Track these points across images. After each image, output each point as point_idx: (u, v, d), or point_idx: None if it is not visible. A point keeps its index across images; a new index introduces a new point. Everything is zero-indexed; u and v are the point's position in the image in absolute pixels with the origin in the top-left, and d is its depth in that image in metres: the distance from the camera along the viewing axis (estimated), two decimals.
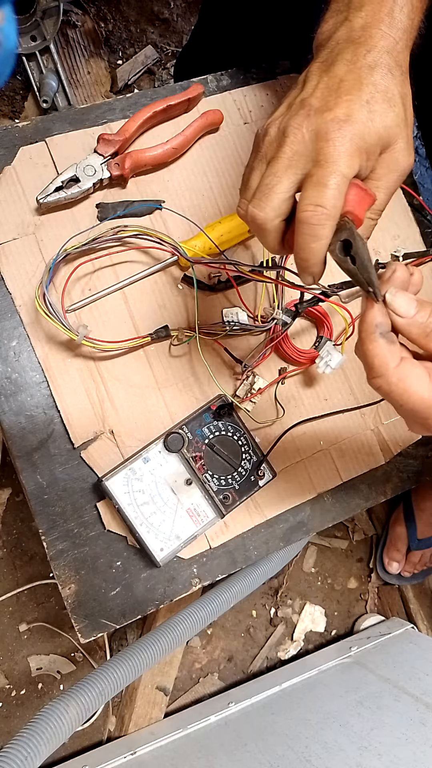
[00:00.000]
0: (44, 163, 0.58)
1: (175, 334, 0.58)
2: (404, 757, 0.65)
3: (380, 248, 0.67)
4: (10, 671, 0.93)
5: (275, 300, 0.61)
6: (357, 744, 0.69)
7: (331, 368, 0.55)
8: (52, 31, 0.99)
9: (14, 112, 1.09)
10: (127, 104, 0.62)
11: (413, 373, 0.35)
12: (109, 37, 1.15)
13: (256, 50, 0.73)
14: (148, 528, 0.55)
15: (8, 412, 0.55)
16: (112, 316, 0.59)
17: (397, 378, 0.35)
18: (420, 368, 0.35)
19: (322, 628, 1.06)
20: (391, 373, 0.35)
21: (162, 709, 0.92)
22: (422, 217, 0.70)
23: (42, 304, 0.53)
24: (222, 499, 0.56)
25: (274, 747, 0.72)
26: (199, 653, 1.00)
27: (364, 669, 0.87)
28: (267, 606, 1.05)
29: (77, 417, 0.57)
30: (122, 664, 0.59)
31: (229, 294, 0.62)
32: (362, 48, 0.39)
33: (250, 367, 0.59)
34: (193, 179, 0.62)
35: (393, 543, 1.05)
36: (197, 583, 0.59)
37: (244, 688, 0.94)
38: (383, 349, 0.35)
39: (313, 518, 0.63)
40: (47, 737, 0.51)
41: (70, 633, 0.95)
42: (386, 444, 0.65)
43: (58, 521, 0.56)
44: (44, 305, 0.53)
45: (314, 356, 0.62)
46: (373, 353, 0.35)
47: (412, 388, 0.35)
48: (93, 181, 0.57)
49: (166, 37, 1.18)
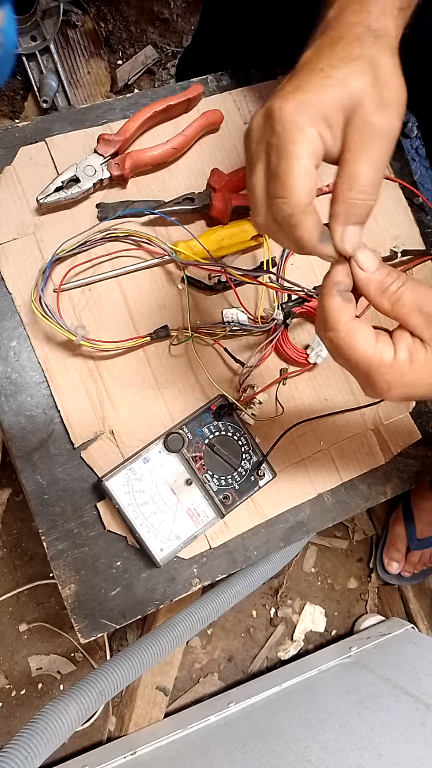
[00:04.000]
0: (44, 163, 0.58)
1: (174, 334, 0.58)
2: (404, 757, 0.65)
3: (379, 248, 0.67)
4: (10, 671, 0.93)
5: (275, 300, 0.61)
6: (357, 744, 0.69)
7: (322, 358, 0.61)
8: (52, 31, 0.99)
9: (14, 112, 1.09)
10: (127, 104, 0.62)
11: (361, 331, 0.37)
12: (109, 37, 1.15)
13: (257, 50, 0.73)
14: (148, 528, 0.55)
15: (8, 412, 0.55)
16: (111, 316, 0.59)
17: (345, 332, 0.37)
18: (369, 329, 0.37)
19: (322, 628, 1.06)
20: (341, 327, 0.37)
21: (162, 709, 0.92)
22: (422, 217, 0.70)
23: (39, 307, 0.53)
24: (222, 499, 0.56)
25: (274, 747, 0.72)
26: (199, 653, 1.00)
27: (364, 669, 0.87)
28: (267, 606, 1.05)
29: (77, 417, 0.57)
30: (122, 664, 0.59)
31: (230, 294, 0.62)
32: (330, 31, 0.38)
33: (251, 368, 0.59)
34: (193, 179, 0.62)
35: (392, 543, 1.05)
36: (197, 583, 0.59)
37: (244, 688, 0.94)
38: (338, 304, 0.37)
39: (313, 518, 0.63)
40: (47, 737, 0.51)
41: (70, 633, 0.95)
42: (386, 444, 0.65)
43: (58, 521, 0.56)
44: (41, 308, 0.53)
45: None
46: (329, 308, 0.37)
47: (358, 344, 0.37)
48: (93, 181, 0.57)
49: (166, 37, 1.18)
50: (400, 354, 0.37)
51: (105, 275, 0.58)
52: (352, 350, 0.37)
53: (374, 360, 0.37)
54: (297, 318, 0.63)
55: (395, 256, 0.66)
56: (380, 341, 0.37)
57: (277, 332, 0.59)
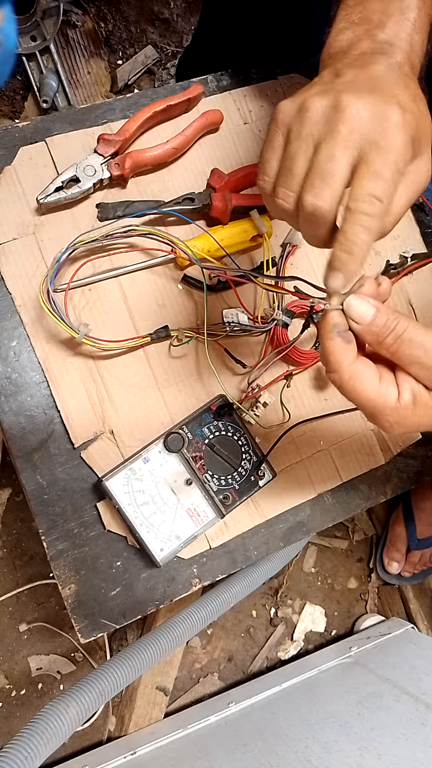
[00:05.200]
0: (44, 163, 0.58)
1: (175, 334, 0.58)
2: (404, 757, 0.65)
3: (380, 248, 0.67)
4: (10, 671, 0.93)
5: (275, 301, 0.61)
6: (357, 744, 0.69)
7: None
8: (52, 31, 0.99)
9: (14, 112, 1.09)
10: (127, 104, 0.62)
11: (364, 373, 0.37)
12: (109, 37, 1.15)
13: (257, 50, 0.73)
14: (148, 528, 0.55)
15: (8, 412, 0.55)
16: (112, 316, 0.59)
17: (349, 375, 0.37)
18: (372, 370, 0.37)
19: (322, 628, 1.06)
20: (344, 369, 0.37)
21: (162, 709, 0.92)
22: (422, 217, 0.70)
23: (45, 300, 0.53)
24: (222, 499, 0.56)
25: (274, 747, 0.72)
26: (199, 653, 1.00)
27: (364, 669, 0.87)
28: (267, 606, 1.05)
29: (77, 417, 0.57)
30: (122, 664, 0.59)
31: (230, 294, 0.62)
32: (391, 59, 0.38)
33: (251, 370, 0.59)
34: (193, 179, 0.62)
35: (393, 543, 1.05)
36: (197, 583, 0.59)
37: (244, 688, 0.94)
38: (338, 347, 0.37)
39: (313, 518, 0.63)
40: (47, 737, 0.51)
41: (70, 633, 0.95)
42: (386, 444, 0.65)
43: (58, 521, 0.56)
44: (48, 301, 0.53)
45: (315, 356, 0.62)
46: (329, 350, 0.37)
47: (361, 386, 0.37)
48: (93, 181, 0.57)
49: (166, 37, 1.18)
50: (404, 395, 0.37)
51: (105, 275, 0.58)
52: (356, 393, 0.37)
53: (378, 402, 0.37)
54: (296, 318, 0.63)
55: (405, 261, 0.66)
56: (383, 382, 0.37)
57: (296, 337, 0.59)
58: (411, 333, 0.36)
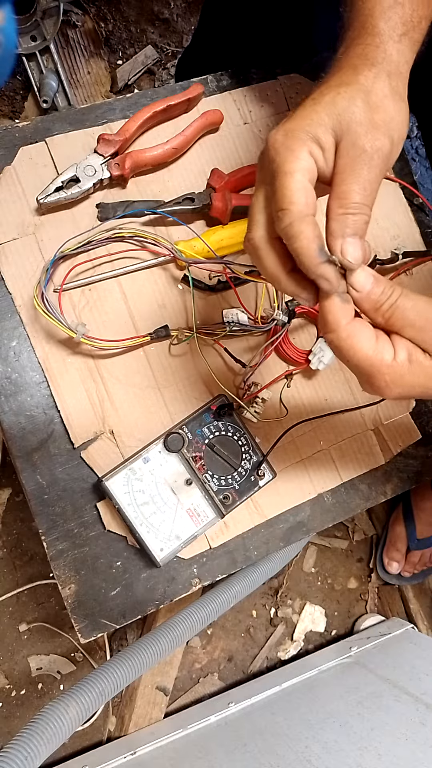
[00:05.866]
0: (44, 163, 0.58)
1: (174, 333, 0.58)
2: (404, 757, 0.65)
3: (380, 248, 0.67)
4: (10, 671, 0.93)
5: (275, 301, 0.61)
6: (357, 744, 0.69)
7: (324, 364, 0.59)
8: (52, 31, 0.99)
9: (14, 112, 1.09)
10: (127, 104, 0.62)
11: (362, 331, 0.38)
12: (109, 37, 1.15)
13: (257, 50, 0.73)
14: (148, 528, 0.55)
15: (8, 412, 0.55)
16: (112, 316, 0.59)
17: (347, 334, 0.38)
18: (369, 329, 0.38)
19: (322, 628, 1.06)
20: (341, 328, 0.38)
21: (162, 709, 0.92)
22: (422, 217, 0.70)
23: (40, 303, 0.53)
24: (222, 499, 0.56)
25: (274, 747, 0.72)
26: (199, 653, 1.00)
27: (364, 669, 0.87)
28: (267, 606, 1.05)
29: (77, 417, 0.57)
30: (122, 664, 0.59)
31: (230, 294, 0.62)
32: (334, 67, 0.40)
33: (254, 368, 0.59)
34: (193, 179, 0.62)
35: (393, 543, 1.05)
36: (197, 583, 0.59)
37: (244, 688, 0.94)
38: (337, 306, 0.38)
39: (313, 518, 0.63)
40: (47, 737, 0.51)
41: (70, 633, 0.95)
42: (386, 444, 0.65)
43: (58, 521, 0.56)
44: (42, 304, 0.53)
45: None
46: (328, 309, 0.38)
47: (359, 344, 0.38)
48: (93, 181, 0.57)
49: (166, 37, 1.18)
50: (399, 354, 0.38)
51: (105, 275, 0.58)
52: (353, 351, 0.38)
53: (375, 360, 0.38)
54: (297, 318, 0.63)
55: (396, 258, 0.66)
56: (380, 341, 0.38)
57: (281, 332, 0.59)
58: (404, 299, 0.38)
